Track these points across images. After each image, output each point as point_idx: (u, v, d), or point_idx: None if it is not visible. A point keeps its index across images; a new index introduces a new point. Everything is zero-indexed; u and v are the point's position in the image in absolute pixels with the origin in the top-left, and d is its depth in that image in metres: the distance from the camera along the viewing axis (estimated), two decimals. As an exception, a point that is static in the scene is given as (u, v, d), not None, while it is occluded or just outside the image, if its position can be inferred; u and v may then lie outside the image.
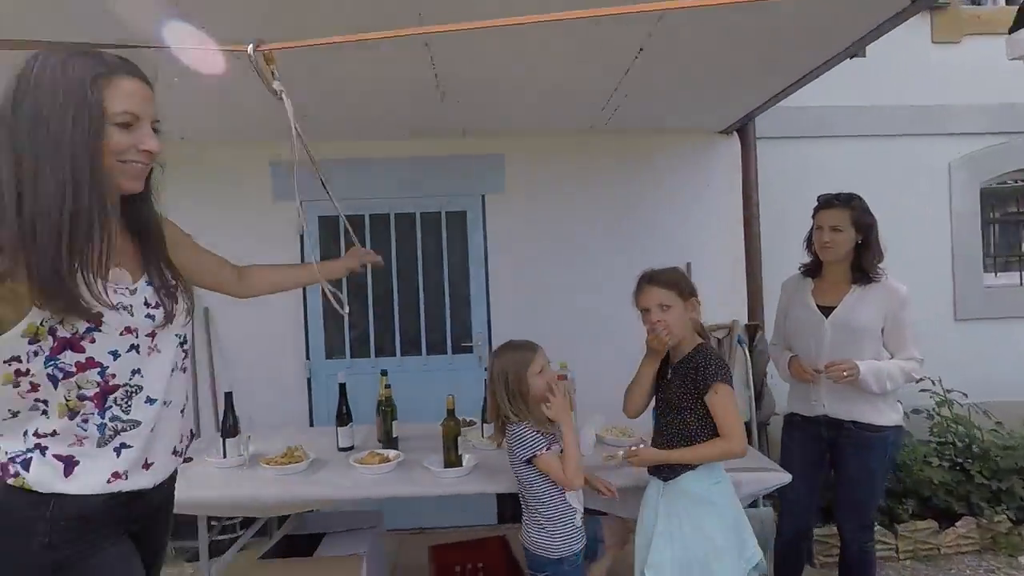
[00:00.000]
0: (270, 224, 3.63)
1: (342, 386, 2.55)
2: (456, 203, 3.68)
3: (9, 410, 1.07)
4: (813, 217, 2.26)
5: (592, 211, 3.70)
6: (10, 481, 1.07)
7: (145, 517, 1.24)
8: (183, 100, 2.54)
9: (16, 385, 1.05)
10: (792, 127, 3.83)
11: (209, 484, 2.12)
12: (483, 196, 3.67)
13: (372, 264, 1.96)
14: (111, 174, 1.09)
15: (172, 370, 1.23)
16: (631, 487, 2.00)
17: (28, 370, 1.04)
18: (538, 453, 1.77)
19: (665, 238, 3.69)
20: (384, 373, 2.62)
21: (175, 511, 1.38)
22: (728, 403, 1.84)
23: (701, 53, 2.44)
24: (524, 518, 1.91)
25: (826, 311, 2.21)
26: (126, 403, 1.14)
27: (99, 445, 1.11)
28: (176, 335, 1.23)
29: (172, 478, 1.31)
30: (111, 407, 1.12)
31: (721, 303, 3.38)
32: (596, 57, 2.40)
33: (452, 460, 2.16)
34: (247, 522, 2.94)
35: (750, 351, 3.26)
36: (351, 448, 2.45)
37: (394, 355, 3.68)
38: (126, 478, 1.14)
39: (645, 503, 1.91)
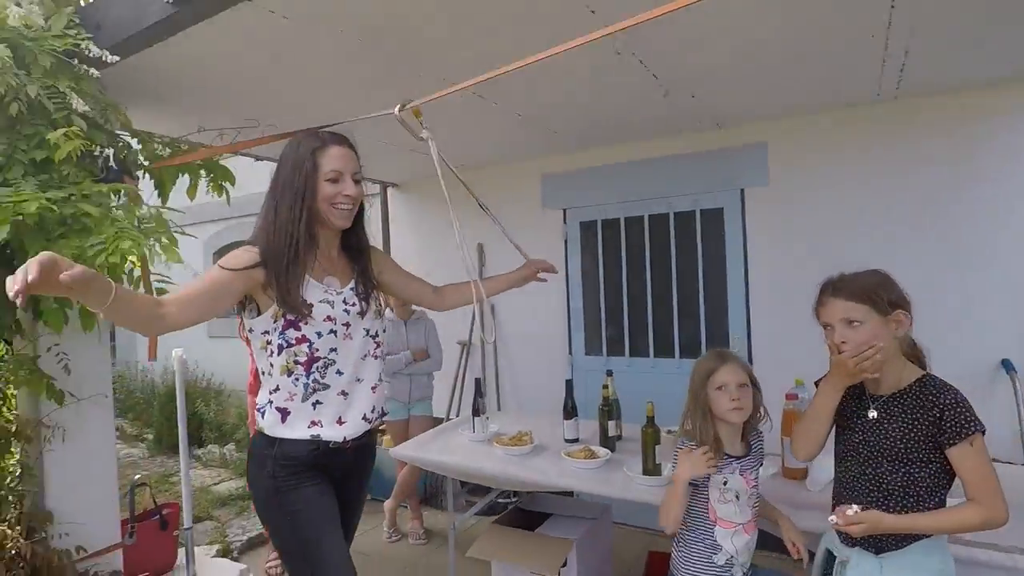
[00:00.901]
0: (538, 229, 4.06)
1: (568, 382, 2.74)
2: (711, 200, 3.47)
3: (262, 369, 1.61)
4: None
5: (877, 200, 3.03)
6: (257, 426, 1.61)
7: (341, 470, 1.65)
8: (448, 141, 3.11)
9: (264, 349, 1.57)
10: None
11: (456, 452, 2.58)
12: (742, 191, 3.38)
13: (547, 271, 2.13)
14: (325, 215, 1.56)
15: (364, 356, 1.64)
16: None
17: (271, 341, 1.55)
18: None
19: (985, 233, 2.79)
20: (609, 374, 2.71)
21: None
22: (986, 458, 1.38)
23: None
24: None
25: None
26: (323, 371, 1.57)
27: (303, 400, 1.56)
28: (365, 328, 1.64)
29: (366, 444, 1.71)
30: (313, 372, 1.56)
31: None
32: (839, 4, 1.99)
33: (650, 468, 2.13)
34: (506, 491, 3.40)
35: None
36: (575, 440, 2.63)
37: (647, 356, 3.69)
38: (321, 426, 1.56)
39: None
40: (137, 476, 3.26)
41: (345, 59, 2.21)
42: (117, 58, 1.92)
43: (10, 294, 0.99)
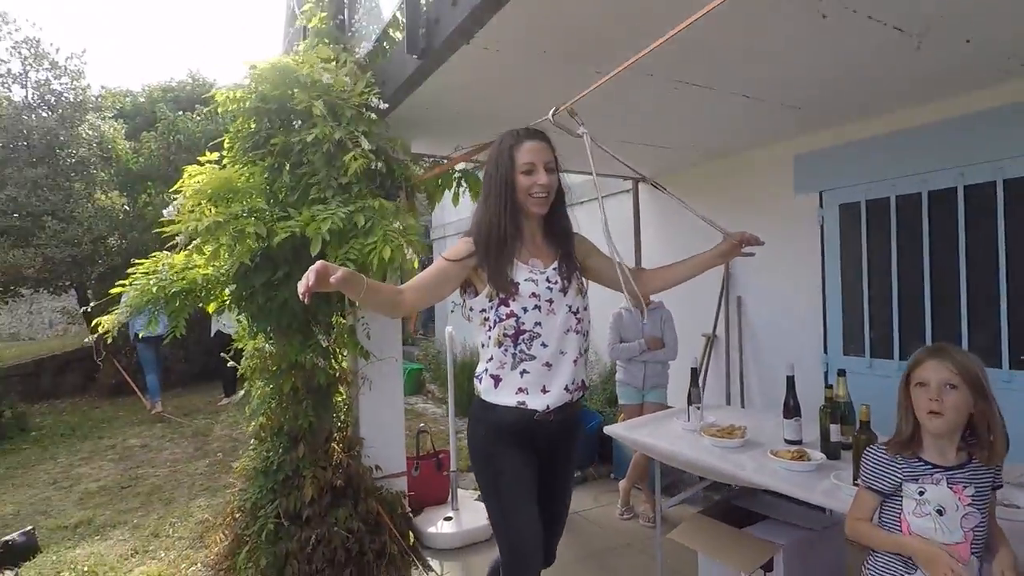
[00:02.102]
0: (788, 216, 3.72)
1: (790, 379, 2.53)
2: (1018, 167, 2.70)
3: (481, 342, 1.84)
4: None
5: None
6: (476, 392, 1.86)
7: (546, 440, 1.81)
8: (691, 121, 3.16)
9: (483, 324, 1.81)
10: None
11: (664, 437, 2.64)
12: (1070, 150, 2.55)
13: (751, 244, 1.91)
14: (523, 204, 1.76)
15: (567, 331, 1.77)
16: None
17: (488, 317, 1.78)
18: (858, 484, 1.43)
19: None
20: (841, 374, 2.42)
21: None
22: None
23: None
24: None
25: None
26: (529, 343, 1.74)
27: (511, 368, 1.75)
28: (568, 305, 1.78)
29: (569, 416, 1.83)
30: (520, 344, 1.74)
31: None
32: None
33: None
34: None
35: None
36: (797, 442, 2.43)
37: (925, 361, 3.07)
38: (527, 394, 1.74)
39: None
40: (421, 425, 4.15)
41: (553, 79, 2.48)
42: (386, 105, 2.58)
43: (300, 292, 1.37)
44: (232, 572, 2.99)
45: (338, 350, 3.22)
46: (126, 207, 8.42)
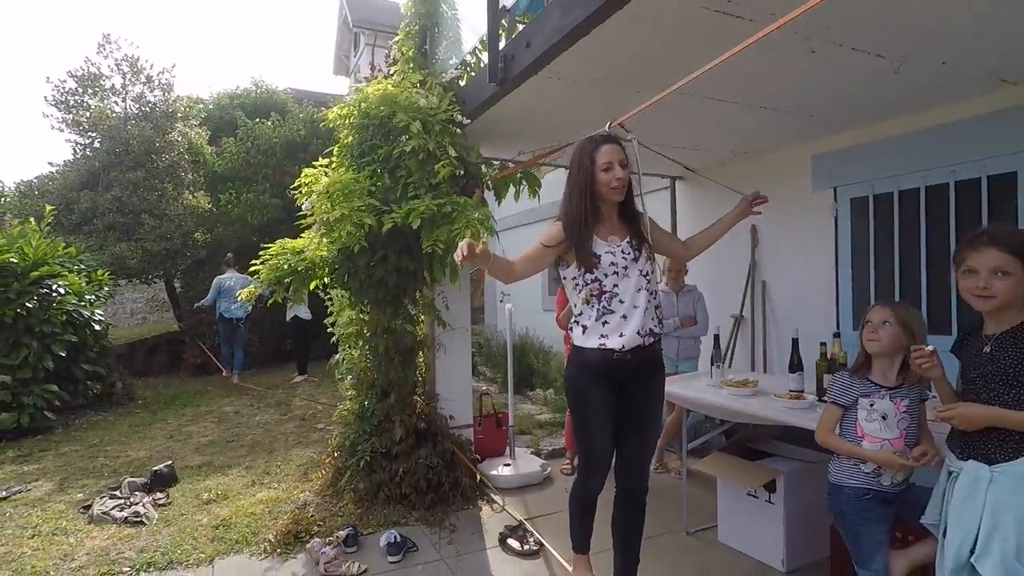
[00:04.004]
0: (808, 210, 4.23)
1: (794, 340, 3.07)
2: (1000, 164, 3.17)
3: (574, 303, 2.32)
4: None
5: None
6: (572, 341, 2.33)
7: (625, 376, 2.21)
8: (721, 127, 3.70)
9: (575, 289, 2.27)
10: None
11: (696, 390, 3.19)
12: (1041, 150, 3.02)
13: (759, 202, 2.48)
14: (603, 195, 2.21)
15: (639, 289, 2.21)
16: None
17: (578, 283, 2.25)
18: (827, 400, 2.03)
19: None
20: (836, 335, 2.95)
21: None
22: None
23: None
24: None
25: None
26: (609, 301, 2.20)
27: (596, 319, 2.21)
28: (639, 269, 2.22)
29: (646, 358, 2.22)
30: (603, 302, 2.20)
31: None
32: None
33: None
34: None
35: None
36: (800, 391, 2.98)
37: (922, 333, 3.55)
38: (607, 338, 2.19)
39: (958, 492, 1.71)
40: (483, 388, 4.82)
41: (601, 98, 3.10)
42: (468, 120, 3.25)
43: (458, 260, 1.85)
44: (335, 495, 3.72)
45: (420, 318, 3.92)
46: (211, 206, 9.41)
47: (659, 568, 2.85)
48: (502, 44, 3.00)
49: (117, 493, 3.87)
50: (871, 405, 2.03)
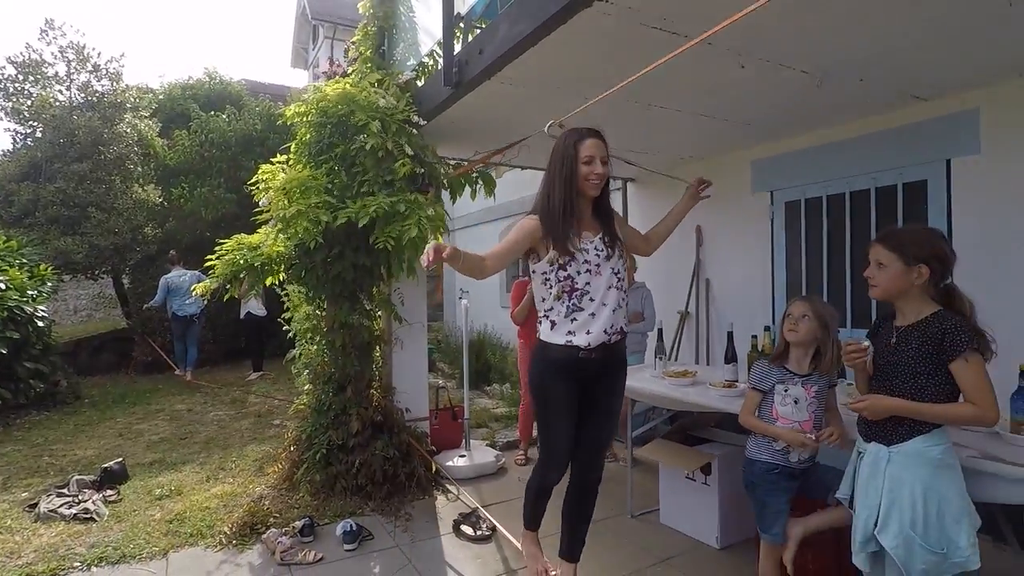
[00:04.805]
0: (748, 212, 4.49)
1: (729, 333, 3.30)
2: (913, 173, 3.48)
3: (541, 297, 2.31)
4: None
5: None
6: (537, 335, 2.35)
7: (588, 372, 2.23)
8: (669, 133, 3.90)
9: (544, 284, 2.26)
10: None
11: (641, 381, 3.36)
12: (948, 161, 3.32)
13: (705, 184, 2.64)
14: (582, 188, 2.22)
15: (609, 287, 2.22)
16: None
17: (548, 278, 2.24)
18: (749, 385, 2.24)
19: None
20: (767, 329, 3.20)
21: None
22: (981, 371, 1.71)
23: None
24: None
25: None
26: (580, 299, 2.21)
27: (565, 316, 2.22)
28: (611, 268, 2.24)
29: (610, 357, 2.27)
30: (574, 298, 2.21)
31: None
32: None
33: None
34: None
35: None
36: (734, 380, 3.20)
37: (845, 327, 3.84)
38: (574, 335, 2.20)
39: (863, 471, 1.91)
40: (440, 383, 4.92)
41: (550, 102, 3.24)
42: (425, 121, 3.35)
43: (424, 265, 1.82)
44: (291, 488, 3.77)
45: (377, 314, 4.00)
46: (162, 200, 9.18)
47: (603, 548, 3.03)
48: (457, 48, 3.11)
49: (65, 491, 3.81)
50: (785, 391, 2.24)
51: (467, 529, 3.26)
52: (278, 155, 3.65)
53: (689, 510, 3.17)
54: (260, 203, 3.39)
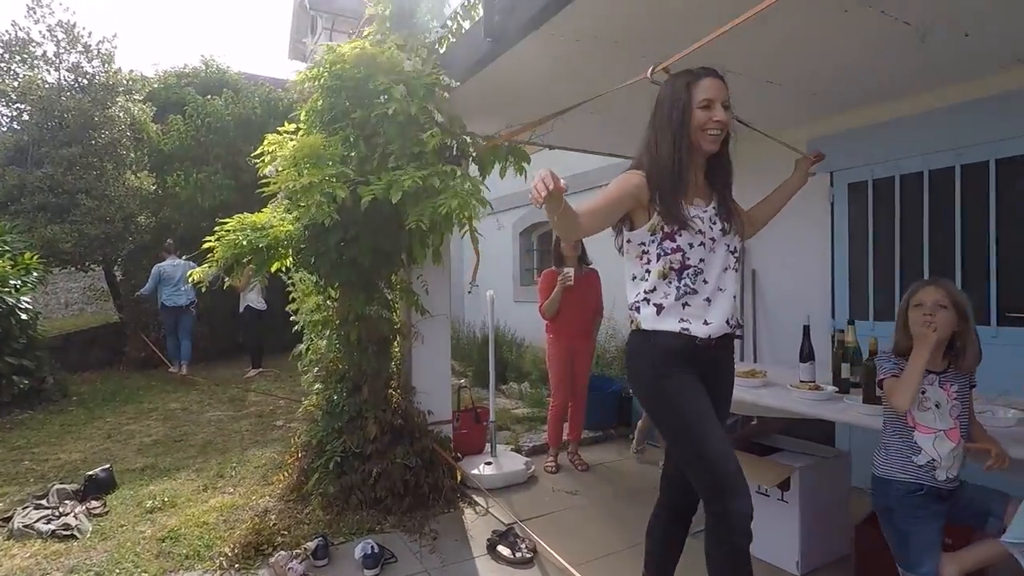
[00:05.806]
0: (803, 195, 4.05)
1: (806, 327, 2.89)
2: (1012, 147, 3.06)
3: (633, 275, 1.85)
4: None
5: None
6: (633, 325, 1.84)
7: (708, 364, 1.78)
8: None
9: (640, 257, 1.81)
10: None
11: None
12: (1055, 132, 2.91)
13: (817, 160, 2.32)
14: (697, 140, 1.76)
15: (725, 269, 1.80)
16: None
17: (647, 251, 1.79)
18: (882, 377, 1.79)
19: None
20: (851, 323, 2.79)
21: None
22: None
23: None
24: None
25: None
26: (693, 278, 1.75)
27: (675, 299, 1.75)
28: (727, 244, 1.81)
29: (725, 353, 1.85)
30: (685, 278, 1.75)
31: None
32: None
33: (870, 397, 2.25)
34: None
35: None
36: (811, 381, 2.79)
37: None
38: (689, 323, 1.74)
39: None
40: (461, 382, 4.50)
41: (600, 63, 2.82)
42: (458, 83, 2.92)
43: (542, 192, 1.42)
44: (301, 500, 3.35)
45: (396, 304, 3.57)
46: (156, 187, 8.71)
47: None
48: (497, -5, 2.67)
49: (43, 503, 3.38)
50: (922, 392, 1.83)
51: (504, 551, 2.84)
52: (287, 123, 3.21)
53: (762, 531, 2.74)
54: (266, 173, 2.95)
